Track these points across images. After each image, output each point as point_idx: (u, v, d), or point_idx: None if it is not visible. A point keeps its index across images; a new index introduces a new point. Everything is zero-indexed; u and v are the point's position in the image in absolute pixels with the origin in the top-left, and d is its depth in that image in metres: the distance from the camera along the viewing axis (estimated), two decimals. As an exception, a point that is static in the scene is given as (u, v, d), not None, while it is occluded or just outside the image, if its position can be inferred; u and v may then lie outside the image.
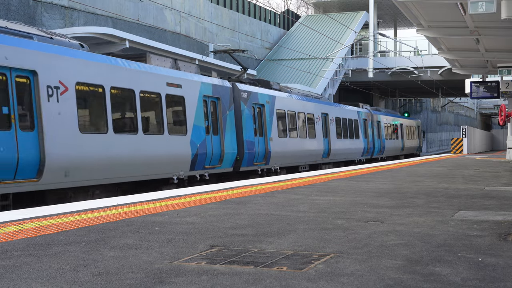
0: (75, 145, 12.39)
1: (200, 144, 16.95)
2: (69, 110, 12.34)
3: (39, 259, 4.87)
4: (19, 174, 11.08)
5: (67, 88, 12.34)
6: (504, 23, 16.88)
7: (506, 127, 31.49)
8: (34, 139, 11.46)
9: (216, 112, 18.25)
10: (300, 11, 74.49)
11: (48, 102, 11.79)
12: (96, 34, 22.70)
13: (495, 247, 5.42)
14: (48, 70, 11.88)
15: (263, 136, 21.10)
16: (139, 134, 14.44)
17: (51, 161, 11.67)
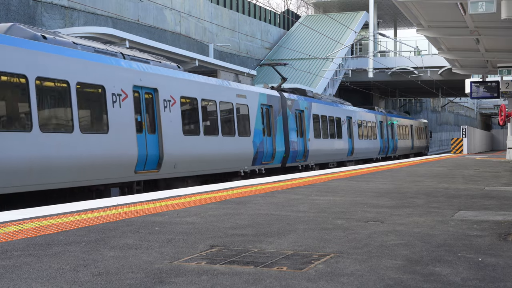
0: (180, 145, 16.09)
1: (259, 144, 20.77)
2: (177, 117, 16.07)
3: (39, 259, 4.87)
4: (147, 166, 14.81)
5: (175, 101, 16.15)
6: (504, 23, 16.88)
7: (506, 127, 31.49)
8: (156, 140, 15.17)
9: (269, 117, 22.01)
10: (300, 11, 74.52)
11: (164, 111, 15.50)
12: (96, 34, 22.72)
13: (495, 247, 5.42)
14: (164, 87, 15.67)
15: (302, 137, 24.80)
16: (219, 136, 18.48)
17: (166, 156, 15.37)
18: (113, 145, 13.68)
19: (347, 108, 31.83)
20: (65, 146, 12.21)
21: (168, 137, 15.47)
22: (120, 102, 14.01)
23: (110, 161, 13.53)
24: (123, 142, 13.98)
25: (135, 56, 15.50)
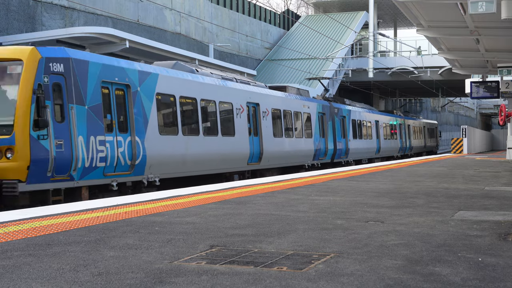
0: (271, 144, 21.70)
1: (317, 144, 26.54)
2: (269, 124, 21.87)
3: (39, 259, 4.87)
4: (253, 160, 20.54)
5: (268, 112, 22.00)
6: (504, 23, 16.87)
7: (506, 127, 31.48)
8: (258, 141, 21.01)
9: (323, 122, 27.83)
10: (300, 11, 74.51)
11: (262, 120, 21.34)
12: (96, 34, 22.69)
13: (495, 247, 5.42)
14: (262, 102, 21.46)
15: (345, 138, 30.73)
16: (293, 138, 24.21)
17: (264, 153, 21.18)
18: (238, 145, 19.51)
19: (375, 113, 37.84)
20: (213, 145, 17.96)
21: (265, 139, 21.17)
22: (240, 114, 19.73)
23: (235, 156, 19.37)
24: (242, 142, 19.86)
25: (243, 80, 21.72)
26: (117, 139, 13.63)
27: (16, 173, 11.30)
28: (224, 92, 18.86)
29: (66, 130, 12.22)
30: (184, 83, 16.78)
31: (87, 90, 12.90)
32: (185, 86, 16.77)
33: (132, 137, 14.10)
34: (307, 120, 25.92)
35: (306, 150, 25.23)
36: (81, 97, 12.70)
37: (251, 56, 46.93)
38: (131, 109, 14.14)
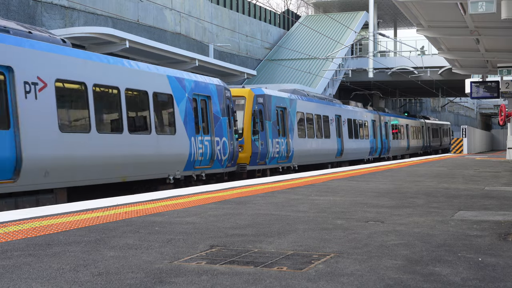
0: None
1: (371, 143, 35.35)
2: (346, 129, 29.70)
3: (39, 259, 4.87)
4: (337, 155, 29.17)
5: (345, 121, 30.31)
6: (504, 23, 16.88)
7: (506, 127, 31.48)
8: (340, 141, 29.31)
9: (374, 127, 36.31)
10: (300, 11, 74.50)
11: (342, 126, 29.43)
12: (96, 34, 22.69)
13: (495, 247, 5.42)
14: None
15: (387, 139, 39.60)
16: (358, 139, 33.01)
17: (345, 149, 30.24)
18: (332, 145, 28.66)
19: (405, 118, 46.46)
20: (314, 145, 26.52)
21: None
22: (332, 123, 28.78)
23: (330, 152, 28.45)
24: (334, 143, 28.91)
25: (330, 99, 30.55)
26: (281, 141, 22.80)
27: (245, 159, 20.37)
28: (326, 109, 28.63)
29: (264, 136, 21.39)
30: (309, 104, 26.51)
31: (271, 112, 22.15)
32: (309, 106, 26.51)
33: (288, 139, 23.48)
34: (365, 126, 35.11)
35: (364, 148, 34.39)
36: (269, 116, 21.91)
37: (251, 56, 46.94)
38: (287, 121, 23.59)
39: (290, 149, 23.84)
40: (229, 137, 18.69)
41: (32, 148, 11.24)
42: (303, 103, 26.46)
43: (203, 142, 17.11)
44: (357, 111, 33.93)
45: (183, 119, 16.18)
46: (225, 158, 18.36)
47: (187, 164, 16.26)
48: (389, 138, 40.26)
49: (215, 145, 17.73)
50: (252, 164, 20.85)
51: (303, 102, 26.42)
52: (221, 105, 18.40)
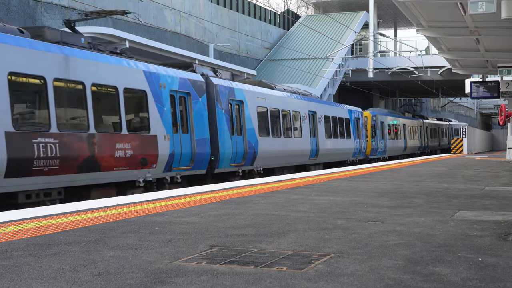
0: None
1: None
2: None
3: (39, 259, 4.87)
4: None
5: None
6: (504, 23, 16.87)
7: (506, 127, 31.48)
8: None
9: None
10: (300, 11, 74.47)
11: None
12: (96, 34, 22.69)
13: (495, 247, 5.42)
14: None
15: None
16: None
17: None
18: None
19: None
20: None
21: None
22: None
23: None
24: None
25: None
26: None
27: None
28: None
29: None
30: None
31: (381, 127, 34.87)
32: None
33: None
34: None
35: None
36: (378, 129, 35.02)
37: (251, 56, 46.93)
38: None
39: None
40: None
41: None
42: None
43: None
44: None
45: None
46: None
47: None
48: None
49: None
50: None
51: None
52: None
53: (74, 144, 12.19)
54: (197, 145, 16.71)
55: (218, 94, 18.18)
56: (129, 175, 13.96)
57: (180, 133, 16.04)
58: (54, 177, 11.71)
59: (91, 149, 12.68)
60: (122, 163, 13.63)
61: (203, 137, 17.10)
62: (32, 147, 11.12)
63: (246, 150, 19.58)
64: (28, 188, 11.21)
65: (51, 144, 11.61)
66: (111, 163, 13.27)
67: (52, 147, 11.62)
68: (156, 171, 14.89)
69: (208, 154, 17.39)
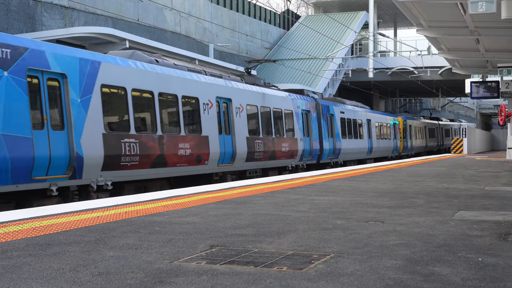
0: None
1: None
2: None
3: (39, 259, 4.87)
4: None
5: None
6: (504, 23, 16.87)
7: (506, 127, 31.48)
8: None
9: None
10: (300, 11, 74.46)
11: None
12: (96, 34, 22.69)
13: (495, 247, 5.42)
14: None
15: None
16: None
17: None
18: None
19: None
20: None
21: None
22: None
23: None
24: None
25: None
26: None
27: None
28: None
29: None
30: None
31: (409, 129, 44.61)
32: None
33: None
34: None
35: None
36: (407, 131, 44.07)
37: (251, 56, 46.93)
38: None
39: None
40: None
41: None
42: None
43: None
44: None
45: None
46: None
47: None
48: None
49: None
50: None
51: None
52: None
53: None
54: (314, 144, 25.58)
55: (322, 111, 27.14)
56: (287, 163, 23.03)
57: (305, 137, 24.70)
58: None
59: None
60: (284, 154, 22.57)
61: (315, 139, 25.97)
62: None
63: (335, 148, 28.72)
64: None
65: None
66: (280, 154, 22.19)
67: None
68: (296, 160, 23.85)
69: (318, 150, 26.24)
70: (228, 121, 18.68)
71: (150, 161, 14.51)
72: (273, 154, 21.55)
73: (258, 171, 20.88)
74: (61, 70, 12.12)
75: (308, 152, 24.94)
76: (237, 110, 19.17)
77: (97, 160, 12.78)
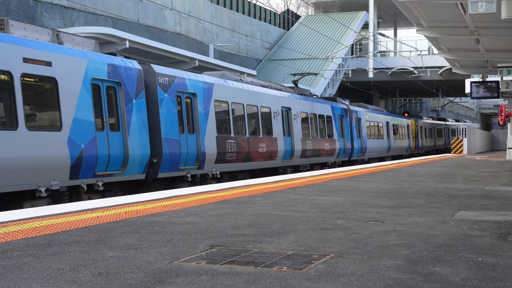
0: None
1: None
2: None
3: (39, 259, 4.87)
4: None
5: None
6: (504, 23, 16.87)
7: (506, 127, 31.47)
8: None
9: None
10: (300, 11, 74.48)
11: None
12: (96, 34, 22.69)
13: (495, 247, 5.42)
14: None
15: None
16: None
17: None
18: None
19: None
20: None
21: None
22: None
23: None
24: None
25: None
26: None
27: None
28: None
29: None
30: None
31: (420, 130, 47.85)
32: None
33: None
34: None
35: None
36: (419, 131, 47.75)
37: (251, 56, 46.93)
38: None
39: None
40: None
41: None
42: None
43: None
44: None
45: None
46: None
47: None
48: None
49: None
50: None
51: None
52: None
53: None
54: (347, 144, 29.86)
55: (352, 115, 31.50)
56: (327, 159, 27.63)
57: (341, 138, 29.22)
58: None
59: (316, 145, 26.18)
60: (326, 152, 27.20)
61: (348, 140, 30.44)
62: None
63: (363, 146, 33.07)
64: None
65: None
66: (323, 152, 26.82)
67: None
68: (334, 157, 28.09)
69: (350, 149, 30.54)
70: (288, 126, 23.46)
71: (242, 157, 19.33)
72: (318, 152, 26.32)
73: (307, 166, 25.65)
74: (193, 90, 16.87)
75: (343, 150, 29.57)
76: (295, 116, 23.91)
77: (212, 156, 17.39)
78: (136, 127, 14.23)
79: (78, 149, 12.54)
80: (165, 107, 15.43)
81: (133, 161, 14.07)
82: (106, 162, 13.35)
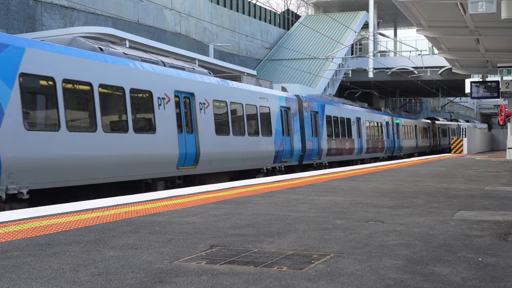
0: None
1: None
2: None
3: (39, 259, 4.87)
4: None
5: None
6: (504, 23, 16.87)
7: (506, 127, 31.47)
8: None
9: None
10: (300, 11, 74.48)
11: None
12: (96, 34, 22.70)
13: (495, 247, 5.42)
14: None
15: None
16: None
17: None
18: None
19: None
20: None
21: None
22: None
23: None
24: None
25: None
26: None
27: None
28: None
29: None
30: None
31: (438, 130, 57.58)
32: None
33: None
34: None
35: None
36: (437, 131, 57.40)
37: (251, 56, 46.93)
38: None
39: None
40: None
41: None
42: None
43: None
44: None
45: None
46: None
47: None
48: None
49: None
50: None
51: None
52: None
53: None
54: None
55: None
56: (377, 155, 35.90)
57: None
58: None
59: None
60: (376, 150, 34.80)
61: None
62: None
63: (401, 145, 41.35)
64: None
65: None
66: (372, 150, 34.24)
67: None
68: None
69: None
70: (358, 129, 32.44)
71: (338, 152, 28.29)
72: (374, 150, 35.00)
73: (368, 159, 34.67)
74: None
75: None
76: (363, 123, 33.42)
77: (326, 151, 26.65)
78: (295, 133, 23.75)
79: (277, 146, 22.03)
80: (306, 121, 25.09)
81: (296, 154, 23.79)
82: (282, 155, 22.52)
